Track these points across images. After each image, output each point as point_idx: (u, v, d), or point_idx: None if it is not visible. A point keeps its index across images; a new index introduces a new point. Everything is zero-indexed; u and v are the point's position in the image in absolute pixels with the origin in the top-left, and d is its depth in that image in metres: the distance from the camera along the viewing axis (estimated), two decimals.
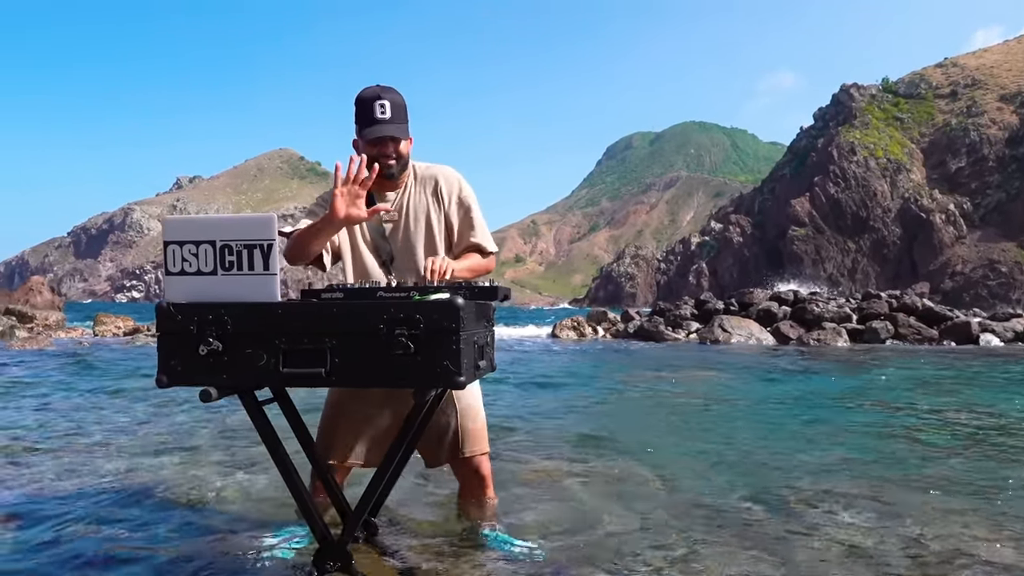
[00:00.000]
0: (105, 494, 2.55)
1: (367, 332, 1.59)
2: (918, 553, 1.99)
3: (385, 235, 2.15)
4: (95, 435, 3.70)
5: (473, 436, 2.15)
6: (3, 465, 2.99)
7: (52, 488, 2.63)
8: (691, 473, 3.03)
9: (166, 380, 1.66)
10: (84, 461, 3.09)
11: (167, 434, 3.77)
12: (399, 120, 2.07)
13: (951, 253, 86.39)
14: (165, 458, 3.18)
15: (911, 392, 6.09)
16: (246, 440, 3.59)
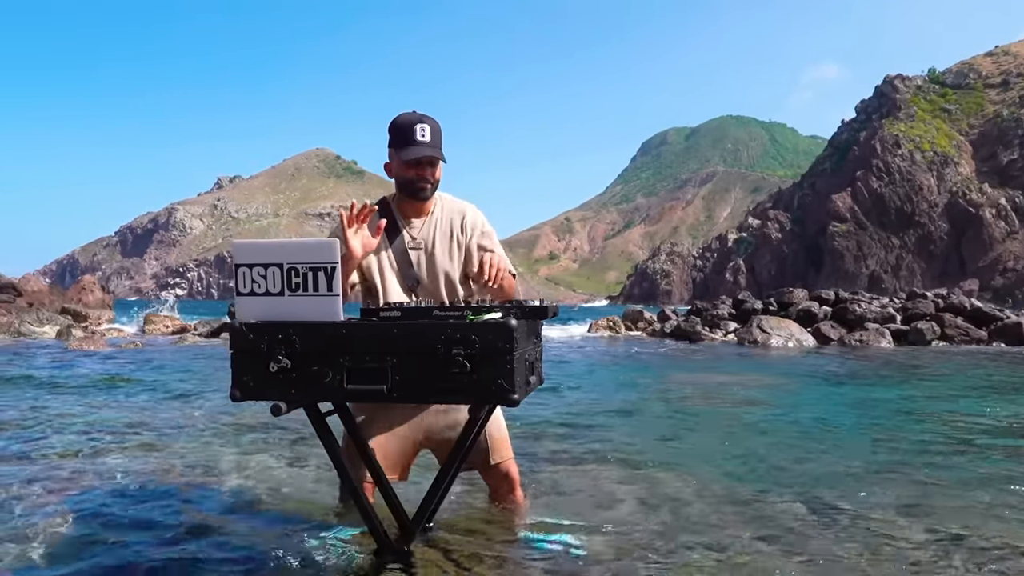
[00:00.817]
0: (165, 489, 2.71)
1: (426, 351, 1.68)
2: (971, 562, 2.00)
3: (411, 262, 2.23)
4: (161, 432, 3.89)
5: (500, 444, 2.25)
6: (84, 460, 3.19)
7: (131, 482, 2.80)
8: (735, 476, 3.06)
9: (239, 395, 1.78)
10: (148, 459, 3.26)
11: (216, 431, 3.95)
12: (437, 144, 2.17)
13: (1002, 249, 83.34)
14: (218, 451, 3.34)
15: (967, 398, 5.97)
16: (295, 435, 3.74)
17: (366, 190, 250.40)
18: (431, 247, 2.23)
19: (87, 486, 2.83)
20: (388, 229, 2.22)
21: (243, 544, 2.20)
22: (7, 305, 13.14)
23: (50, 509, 2.50)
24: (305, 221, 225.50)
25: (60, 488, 2.78)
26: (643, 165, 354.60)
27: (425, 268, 2.23)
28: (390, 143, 2.21)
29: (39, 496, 2.67)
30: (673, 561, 2.04)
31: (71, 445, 3.59)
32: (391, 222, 2.23)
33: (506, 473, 2.29)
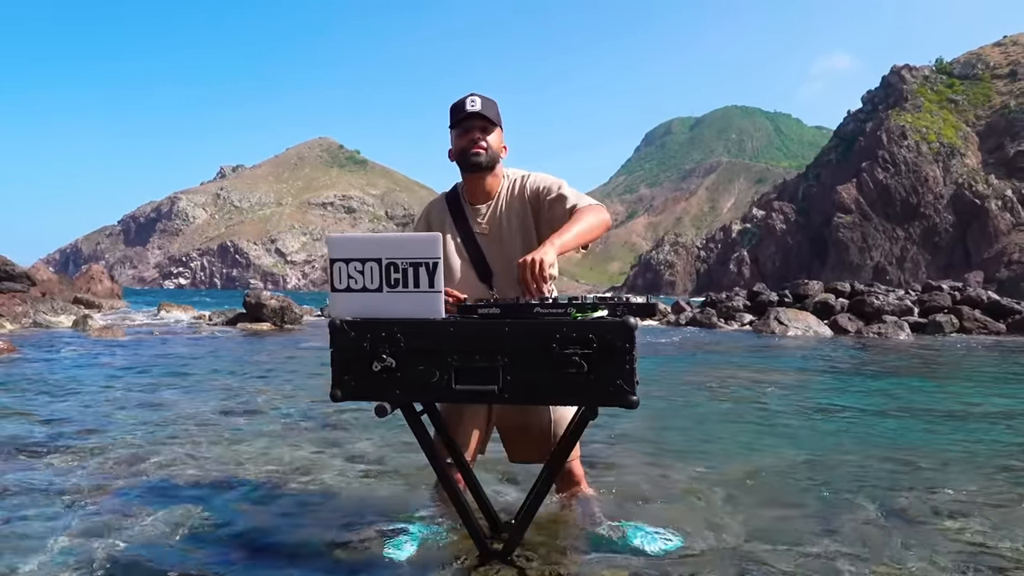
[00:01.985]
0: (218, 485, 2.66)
1: (540, 350, 1.61)
2: None
3: (482, 251, 2.13)
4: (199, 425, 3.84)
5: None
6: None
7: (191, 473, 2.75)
8: (803, 476, 3.00)
9: (340, 395, 1.71)
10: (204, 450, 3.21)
11: (276, 427, 3.90)
12: (489, 111, 2.08)
13: (1007, 241, 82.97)
14: (279, 450, 3.29)
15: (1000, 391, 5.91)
16: (349, 432, 3.70)
17: (369, 180, 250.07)
18: (499, 233, 2.12)
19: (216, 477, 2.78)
20: (456, 217, 2.15)
21: (317, 549, 2.15)
22: (22, 295, 13.10)
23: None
24: (308, 210, 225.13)
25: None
26: (647, 155, 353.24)
27: (496, 257, 2.12)
28: (450, 127, 2.14)
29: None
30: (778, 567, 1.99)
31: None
32: (458, 209, 2.16)
33: (570, 470, 2.24)
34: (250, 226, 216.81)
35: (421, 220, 2.26)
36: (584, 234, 1.94)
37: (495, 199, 2.15)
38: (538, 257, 1.82)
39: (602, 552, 2.06)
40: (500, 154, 2.13)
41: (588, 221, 1.96)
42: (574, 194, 2.07)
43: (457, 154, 2.12)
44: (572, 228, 1.93)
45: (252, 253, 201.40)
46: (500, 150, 2.13)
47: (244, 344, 9.85)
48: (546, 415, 2.12)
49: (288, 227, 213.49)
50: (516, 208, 2.12)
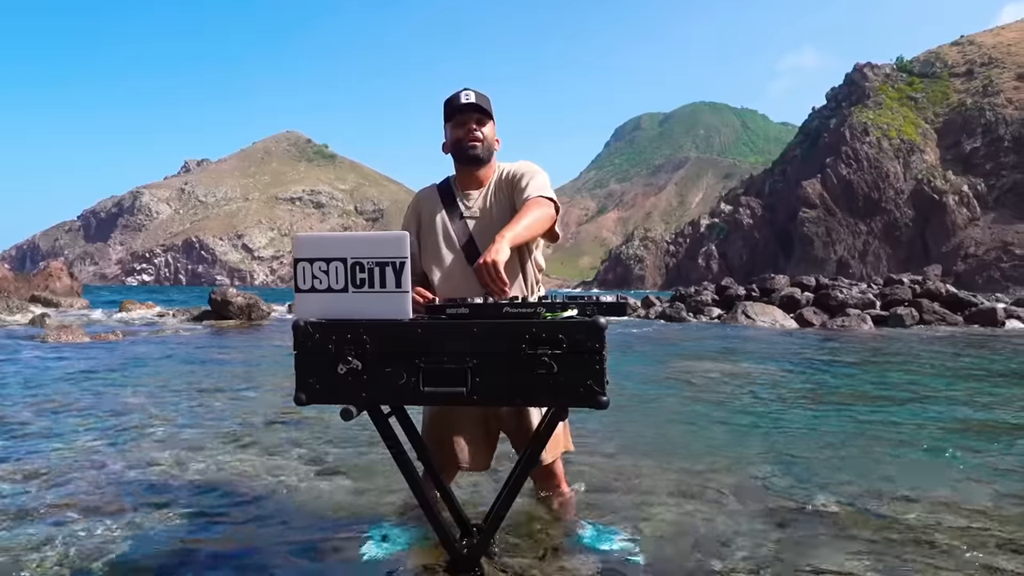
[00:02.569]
0: (187, 489, 2.59)
1: (510, 351, 1.59)
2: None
3: (470, 233, 2.12)
4: (164, 429, 3.74)
5: (552, 442, 2.18)
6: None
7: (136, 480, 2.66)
8: (770, 470, 3.04)
9: (304, 398, 1.67)
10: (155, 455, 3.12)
11: (240, 429, 3.81)
12: (483, 104, 2.11)
13: (964, 235, 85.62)
14: (242, 454, 3.21)
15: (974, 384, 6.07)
16: (320, 439, 3.63)
17: (338, 174, 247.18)
18: (489, 218, 2.11)
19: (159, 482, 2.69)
20: (447, 204, 2.14)
21: (292, 560, 2.10)
22: None
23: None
24: (276, 205, 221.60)
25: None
26: (617, 151, 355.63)
27: (487, 241, 2.06)
28: (444, 120, 2.15)
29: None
30: (730, 564, 2.00)
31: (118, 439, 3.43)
32: (450, 197, 2.15)
33: (551, 469, 2.26)
34: (216, 221, 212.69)
35: (410, 210, 2.23)
36: (532, 226, 1.95)
37: (486, 187, 2.15)
38: (490, 258, 1.81)
39: (571, 554, 2.05)
40: (494, 146, 2.16)
41: (534, 215, 1.97)
42: (534, 185, 2.06)
43: (453, 146, 2.13)
44: (521, 221, 1.94)
45: (218, 249, 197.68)
46: (494, 142, 2.15)
47: (208, 343, 9.65)
48: (531, 420, 2.11)
49: (255, 222, 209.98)
50: (504, 195, 2.13)
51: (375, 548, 2.10)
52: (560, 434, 2.21)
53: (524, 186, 2.05)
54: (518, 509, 2.31)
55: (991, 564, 2.00)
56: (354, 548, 2.08)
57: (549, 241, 2.18)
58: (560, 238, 2.19)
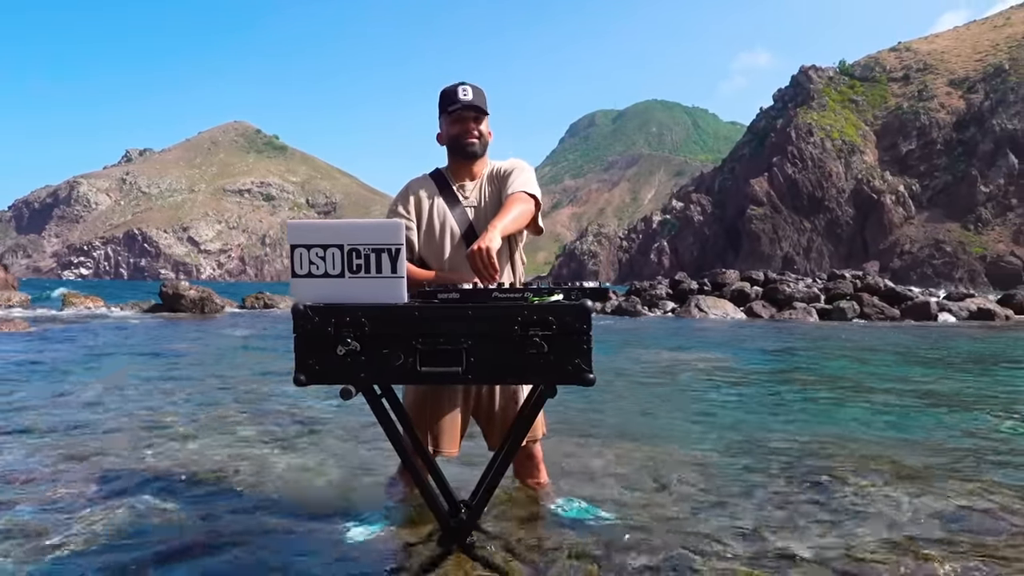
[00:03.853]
0: (164, 480, 2.60)
1: (503, 332, 1.69)
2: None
3: (469, 221, 2.22)
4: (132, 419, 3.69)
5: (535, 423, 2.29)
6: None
7: (104, 473, 2.65)
8: (709, 446, 3.22)
9: (304, 379, 1.73)
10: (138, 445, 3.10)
11: (216, 419, 3.80)
12: (480, 101, 2.19)
13: (900, 233, 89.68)
14: (216, 442, 3.22)
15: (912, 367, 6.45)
16: (294, 426, 3.66)
17: (289, 166, 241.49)
18: (485, 208, 2.21)
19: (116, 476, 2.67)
20: (445, 194, 2.22)
21: (278, 540, 2.15)
22: None
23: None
24: (224, 197, 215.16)
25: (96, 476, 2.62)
26: (571, 147, 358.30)
27: (483, 227, 2.19)
28: (439, 112, 2.23)
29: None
30: (696, 531, 2.16)
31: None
32: (445, 187, 2.23)
33: (531, 453, 2.36)
34: (160, 213, 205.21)
35: (404, 197, 2.26)
36: (518, 219, 2.08)
37: (479, 179, 2.25)
38: (484, 245, 1.91)
39: (554, 527, 2.17)
40: (488, 141, 2.26)
41: (519, 208, 2.09)
42: (519, 181, 2.17)
43: (450, 140, 2.21)
44: (509, 213, 2.06)
45: (162, 242, 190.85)
46: (488, 136, 2.25)
47: (165, 331, 9.42)
48: (515, 403, 2.21)
49: (202, 215, 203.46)
50: (495, 188, 2.23)
51: (359, 529, 2.17)
52: (540, 417, 2.32)
53: (511, 181, 2.17)
54: (499, 490, 2.42)
55: (924, 507, 2.21)
56: (338, 531, 2.15)
57: (533, 234, 2.30)
58: (542, 232, 2.31)
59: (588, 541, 2.05)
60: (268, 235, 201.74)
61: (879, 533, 2.13)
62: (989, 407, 4.47)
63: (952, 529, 2.17)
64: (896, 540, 2.07)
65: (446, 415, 2.22)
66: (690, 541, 2.06)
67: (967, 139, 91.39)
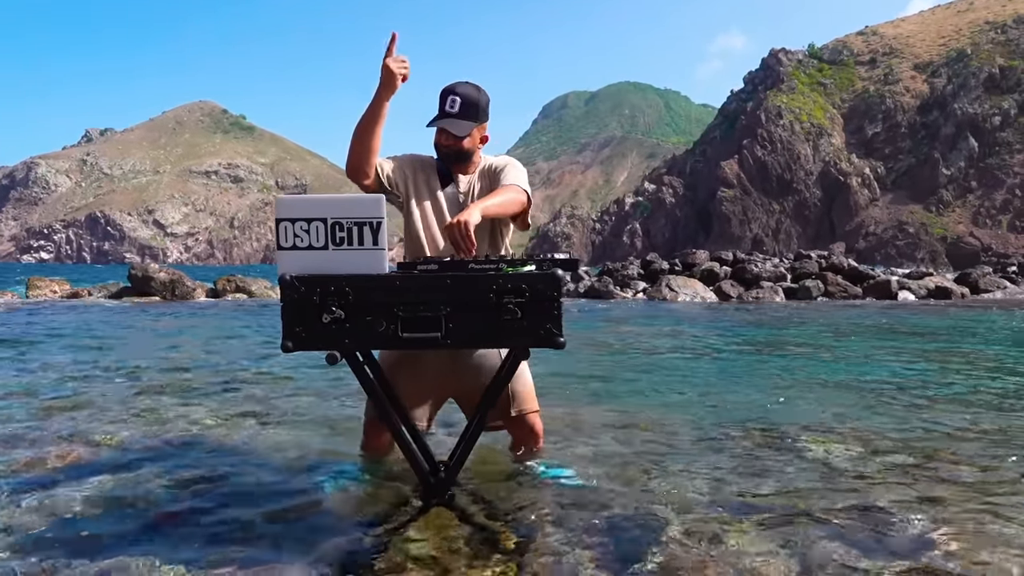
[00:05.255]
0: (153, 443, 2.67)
1: (479, 300, 1.81)
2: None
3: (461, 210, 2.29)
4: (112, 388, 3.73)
5: (523, 396, 2.40)
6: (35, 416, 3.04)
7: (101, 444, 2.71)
8: (691, 413, 3.40)
9: (291, 345, 1.84)
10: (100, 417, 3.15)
11: (183, 386, 3.85)
12: (465, 116, 2.24)
13: (865, 215, 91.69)
14: (192, 408, 3.29)
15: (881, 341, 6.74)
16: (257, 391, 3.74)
17: (257, 147, 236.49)
18: (475, 196, 2.30)
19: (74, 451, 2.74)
20: (442, 179, 2.33)
21: (256, 499, 2.26)
22: None
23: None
24: (190, 179, 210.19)
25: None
26: (544, 128, 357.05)
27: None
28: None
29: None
30: (667, 489, 2.32)
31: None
32: (442, 174, 2.33)
33: (531, 427, 2.41)
34: (123, 195, 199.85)
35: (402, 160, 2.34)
36: (505, 204, 2.17)
37: (472, 175, 2.35)
38: (463, 218, 2.02)
39: (530, 485, 2.32)
40: (476, 147, 2.32)
41: (508, 195, 2.19)
42: (512, 175, 2.29)
43: (434, 145, 2.31)
44: (496, 197, 2.17)
45: (127, 225, 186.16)
46: (476, 145, 2.32)
47: (139, 315, 9.34)
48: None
49: (167, 197, 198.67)
50: (487, 183, 2.33)
51: (335, 484, 2.29)
52: (531, 390, 2.42)
53: (505, 175, 2.28)
54: (478, 451, 2.55)
55: (883, 463, 2.41)
56: (315, 488, 2.27)
57: (520, 228, 2.39)
58: (529, 228, 2.41)
59: (563, 499, 2.20)
60: (237, 218, 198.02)
61: (832, 481, 2.32)
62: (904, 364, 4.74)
63: (884, 464, 2.37)
64: (838, 482, 2.26)
65: (418, 390, 2.31)
66: (659, 497, 2.21)
67: (930, 123, 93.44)
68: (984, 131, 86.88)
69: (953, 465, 2.54)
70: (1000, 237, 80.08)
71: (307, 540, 1.89)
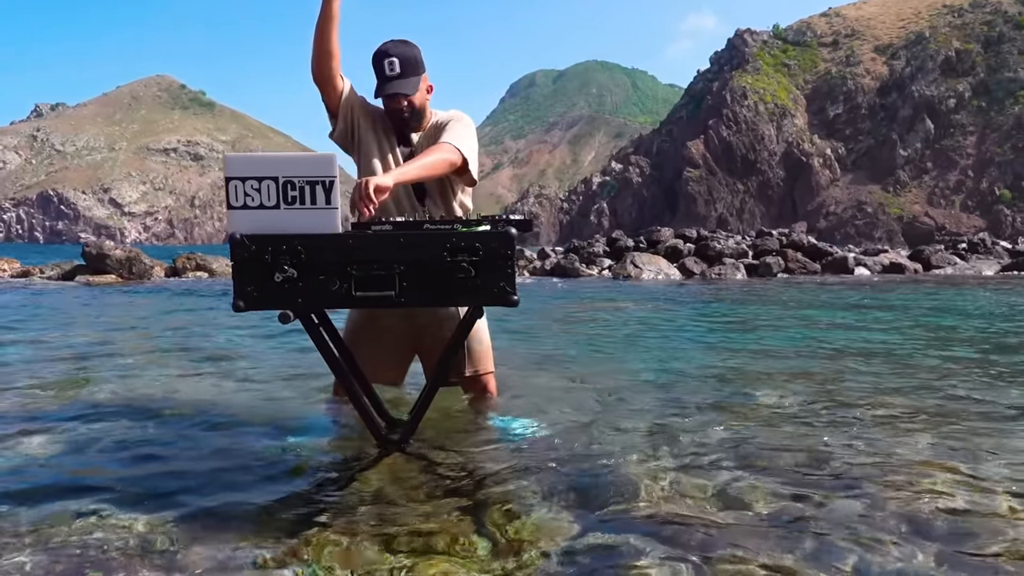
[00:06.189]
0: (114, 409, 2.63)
1: (433, 258, 1.82)
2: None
3: None
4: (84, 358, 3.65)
5: (479, 356, 2.44)
6: None
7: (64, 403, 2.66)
8: (646, 374, 3.48)
9: (243, 305, 1.82)
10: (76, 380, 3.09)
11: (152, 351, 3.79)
12: (408, 74, 2.24)
13: (826, 195, 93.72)
14: (160, 372, 3.25)
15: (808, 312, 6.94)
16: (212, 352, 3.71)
17: (218, 124, 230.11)
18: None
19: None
20: (400, 139, 2.33)
21: (209, 462, 2.25)
22: None
23: None
24: (147, 157, 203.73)
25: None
26: (512, 107, 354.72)
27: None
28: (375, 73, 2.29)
29: None
30: (618, 438, 2.38)
31: None
32: (400, 131, 2.33)
33: (485, 386, 2.47)
34: (77, 173, 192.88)
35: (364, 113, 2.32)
36: (428, 167, 2.15)
37: (425, 130, 2.34)
38: (365, 179, 2.02)
39: (486, 438, 2.36)
40: (425, 99, 2.32)
41: (433, 157, 2.16)
42: (450, 133, 2.26)
43: (385, 112, 2.29)
44: (416, 162, 2.15)
45: (81, 204, 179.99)
46: (425, 97, 2.31)
47: (97, 295, 9.09)
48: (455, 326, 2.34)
49: (124, 175, 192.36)
50: (433, 140, 2.30)
51: (296, 439, 2.30)
52: (488, 350, 2.46)
53: (443, 133, 2.26)
54: (438, 409, 2.57)
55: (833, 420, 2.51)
56: (275, 442, 2.28)
57: (466, 185, 2.40)
58: (476, 184, 2.42)
59: (519, 447, 2.24)
60: (198, 196, 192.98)
61: (774, 426, 2.41)
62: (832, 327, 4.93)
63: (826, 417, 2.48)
64: (779, 427, 2.35)
65: (380, 351, 2.33)
66: (609, 445, 2.27)
67: (889, 104, 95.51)
68: (940, 113, 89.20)
69: (887, 408, 2.66)
70: (953, 217, 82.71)
71: (267, 488, 1.90)
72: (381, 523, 1.66)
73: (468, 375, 2.40)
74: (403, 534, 1.59)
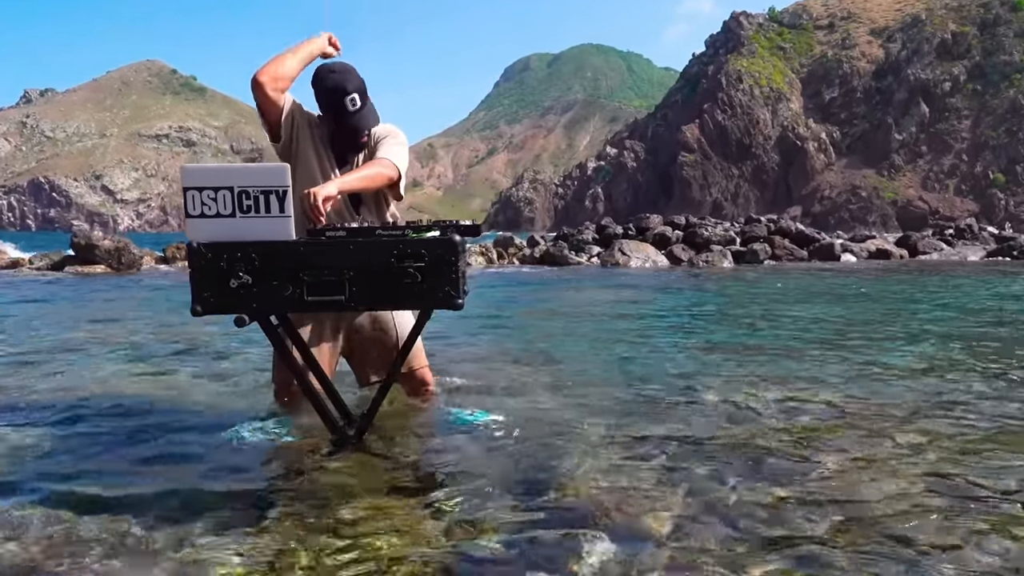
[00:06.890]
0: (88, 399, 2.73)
1: (381, 264, 1.92)
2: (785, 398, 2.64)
3: None
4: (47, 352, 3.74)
5: (412, 353, 2.54)
6: None
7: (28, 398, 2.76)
8: (616, 368, 3.59)
9: (200, 310, 1.92)
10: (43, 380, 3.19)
11: (120, 348, 3.88)
12: (366, 105, 2.32)
13: (821, 179, 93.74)
14: (123, 367, 3.34)
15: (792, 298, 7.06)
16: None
17: (210, 110, 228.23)
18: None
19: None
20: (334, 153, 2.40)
21: (179, 453, 2.35)
22: None
23: None
24: (139, 143, 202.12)
25: None
26: (506, 91, 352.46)
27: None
28: (320, 103, 2.34)
29: None
30: (572, 429, 2.49)
31: None
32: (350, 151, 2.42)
33: (422, 379, 2.61)
34: (68, 160, 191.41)
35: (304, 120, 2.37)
36: (367, 179, 2.27)
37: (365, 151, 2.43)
38: (312, 191, 2.10)
39: (438, 430, 2.47)
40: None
41: (372, 170, 2.28)
42: (384, 150, 2.36)
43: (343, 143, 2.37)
44: (358, 173, 2.27)
45: (73, 191, 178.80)
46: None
47: (80, 288, 9.16)
48: (389, 336, 2.45)
49: (116, 162, 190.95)
50: (369, 153, 2.40)
51: (250, 436, 2.40)
52: (420, 347, 2.58)
53: (380, 147, 2.35)
54: (394, 404, 2.68)
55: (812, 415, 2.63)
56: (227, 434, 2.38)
57: (394, 199, 2.49)
58: (402, 199, 2.50)
59: (478, 441, 2.35)
60: None
61: (732, 421, 2.53)
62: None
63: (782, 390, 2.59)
64: (736, 421, 2.47)
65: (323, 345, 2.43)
66: (568, 437, 2.38)
67: (884, 88, 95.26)
68: (935, 97, 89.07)
69: (851, 406, 2.78)
70: (947, 201, 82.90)
71: (228, 479, 2.01)
72: (337, 508, 1.77)
73: (404, 372, 2.50)
74: (358, 519, 1.71)
